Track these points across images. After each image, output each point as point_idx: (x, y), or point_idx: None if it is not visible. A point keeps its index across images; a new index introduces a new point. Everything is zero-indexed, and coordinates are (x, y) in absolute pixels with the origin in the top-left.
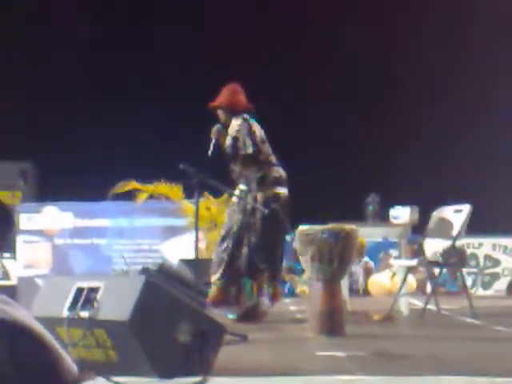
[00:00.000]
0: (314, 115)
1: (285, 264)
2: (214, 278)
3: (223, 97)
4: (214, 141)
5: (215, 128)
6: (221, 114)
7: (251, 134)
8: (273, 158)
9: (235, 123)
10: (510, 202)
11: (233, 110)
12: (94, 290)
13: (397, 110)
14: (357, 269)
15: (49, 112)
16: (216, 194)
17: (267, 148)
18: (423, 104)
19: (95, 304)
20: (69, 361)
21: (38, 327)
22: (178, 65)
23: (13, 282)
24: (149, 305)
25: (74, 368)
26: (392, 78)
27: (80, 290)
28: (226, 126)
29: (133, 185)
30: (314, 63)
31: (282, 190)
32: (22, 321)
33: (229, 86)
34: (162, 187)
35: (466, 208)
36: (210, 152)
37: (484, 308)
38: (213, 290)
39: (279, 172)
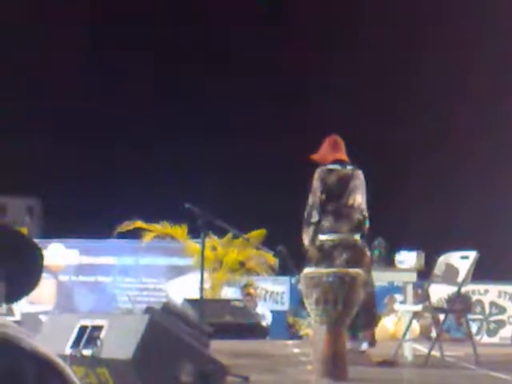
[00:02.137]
0: None
1: (290, 307)
2: None
3: (317, 152)
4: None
5: None
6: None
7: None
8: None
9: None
10: None
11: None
12: (97, 329)
13: (405, 155)
14: None
15: (57, 150)
16: (220, 234)
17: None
18: (431, 151)
19: (98, 342)
20: None
21: (60, 361)
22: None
23: (16, 317)
24: (152, 344)
25: None
26: (401, 125)
27: (83, 328)
28: None
29: (139, 224)
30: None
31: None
32: (45, 353)
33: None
34: (167, 227)
35: (473, 254)
36: None
37: (489, 356)
38: None
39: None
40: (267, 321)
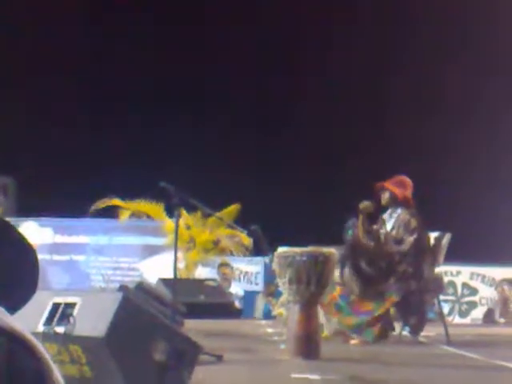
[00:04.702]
0: (297, 141)
1: (264, 285)
2: None
3: (396, 184)
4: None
5: (368, 204)
6: (386, 196)
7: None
8: None
9: (403, 213)
10: (488, 231)
11: (399, 200)
12: (70, 306)
13: (383, 139)
14: None
15: (31, 127)
16: (190, 209)
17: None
18: (406, 134)
19: (71, 320)
20: (58, 374)
21: (32, 338)
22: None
23: None
24: (125, 322)
25: (62, 382)
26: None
27: (56, 306)
28: (379, 207)
29: (115, 202)
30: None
31: None
32: (18, 330)
33: (403, 177)
34: (143, 205)
35: (446, 236)
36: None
37: (460, 336)
38: None
39: None
40: (240, 300)
